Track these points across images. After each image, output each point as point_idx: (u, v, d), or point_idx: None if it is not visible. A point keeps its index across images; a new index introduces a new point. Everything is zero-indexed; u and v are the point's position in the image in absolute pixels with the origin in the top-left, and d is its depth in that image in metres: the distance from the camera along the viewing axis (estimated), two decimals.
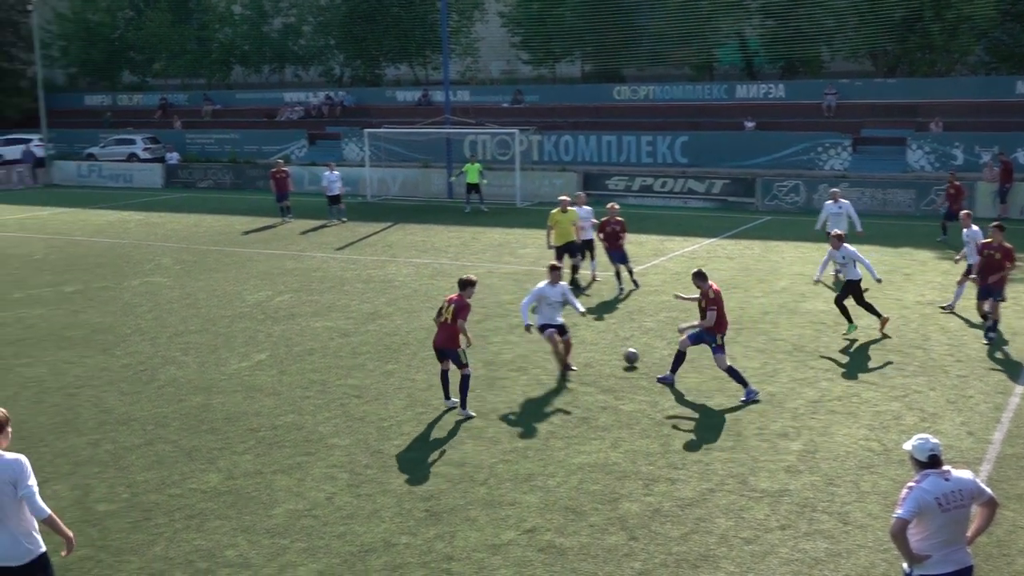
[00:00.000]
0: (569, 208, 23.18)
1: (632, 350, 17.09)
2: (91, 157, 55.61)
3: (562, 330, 16.35)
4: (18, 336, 19.68)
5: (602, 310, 20.75)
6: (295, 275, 25.41)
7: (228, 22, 65.16)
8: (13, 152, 56.62)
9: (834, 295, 19.48)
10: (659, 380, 15.73)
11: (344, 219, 34.83)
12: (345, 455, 12.94)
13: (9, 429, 7.91)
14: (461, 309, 14.34)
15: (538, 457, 12.77)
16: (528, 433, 13.65)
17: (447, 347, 14.36)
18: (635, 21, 52.85)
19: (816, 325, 19.15)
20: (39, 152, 54.70)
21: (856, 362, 16.75)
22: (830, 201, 24.40)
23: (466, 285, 14.63)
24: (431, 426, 14.00)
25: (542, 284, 16.20)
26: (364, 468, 12.49)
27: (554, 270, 16.27)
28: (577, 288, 22.91)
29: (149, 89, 68.19)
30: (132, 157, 54.47)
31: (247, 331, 19.63)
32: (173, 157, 52.48)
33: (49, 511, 7.81)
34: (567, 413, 14.41)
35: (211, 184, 48.63)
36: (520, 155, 41.27)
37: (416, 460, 12.74)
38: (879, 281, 18.87)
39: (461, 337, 14.36)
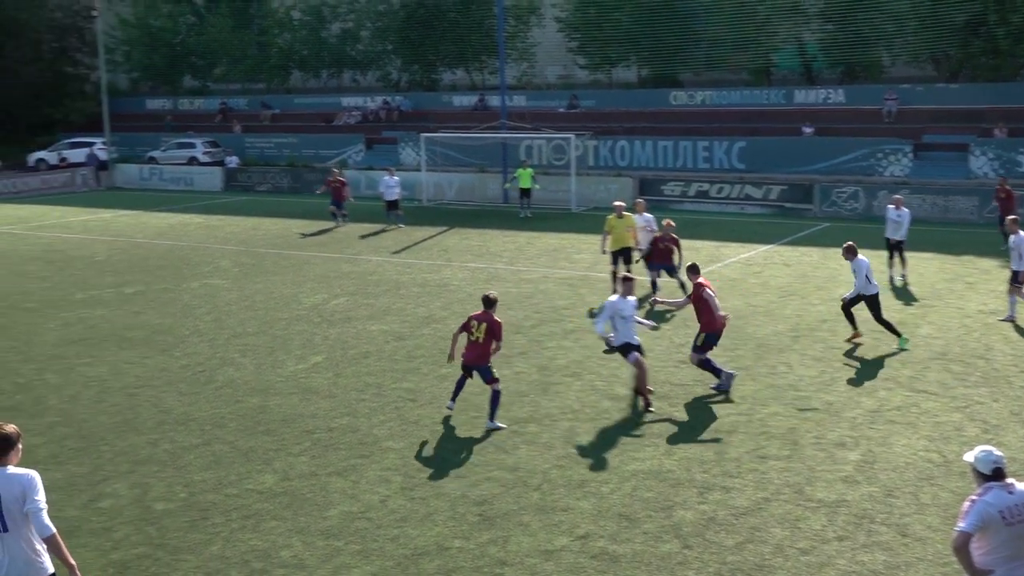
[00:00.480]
0: (625, 213, 23.05)
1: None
2: (152, 160, 56.43)
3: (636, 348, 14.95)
4: (80, 336, 20.02)
5: (656, 317, 20.63)
6: (351, 278, 25.58)
7: (287, 27, 65.80)
8: (77, 155, 57.61)
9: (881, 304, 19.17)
10: (714, 388, 15.61)
11: (401, 224, 35.00)
12: (399, 458, 12.99)
13: (20, 445, 7.71)
14: (496, 329, 14.25)
15: (592, 463, 12.73)
16: (582, 439, 13.61)
17: (479, 364, 14.26)
18: (692, 26, 52.55)
19: (875, 334, 18.88)
20: (102, 155, 55.79)
21: (916, 372, 16.49)
22: (892, 207, 24.15)
23: (493, 303, 14.48)
24: (485, 430, 14.01)
25: (613, 298, 14.98)
26: (418, 471, 12.53)
27: (626, 281, 15.04)
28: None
29: (210, 93, 69.00)
30: (192, 160, 55.22)
31: (304, 334, 19.79)
32: (233, 161, 53.11)
33: (54, 530, 7.47)
34: (621, 419, 14.34)
35: (269, 188, 49.14)
36: (575, 160, 41.23)
37: (470, 464, 12.75)
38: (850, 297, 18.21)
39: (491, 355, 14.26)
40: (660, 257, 22.33)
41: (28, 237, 34.63)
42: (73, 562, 7.58)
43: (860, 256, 17.99)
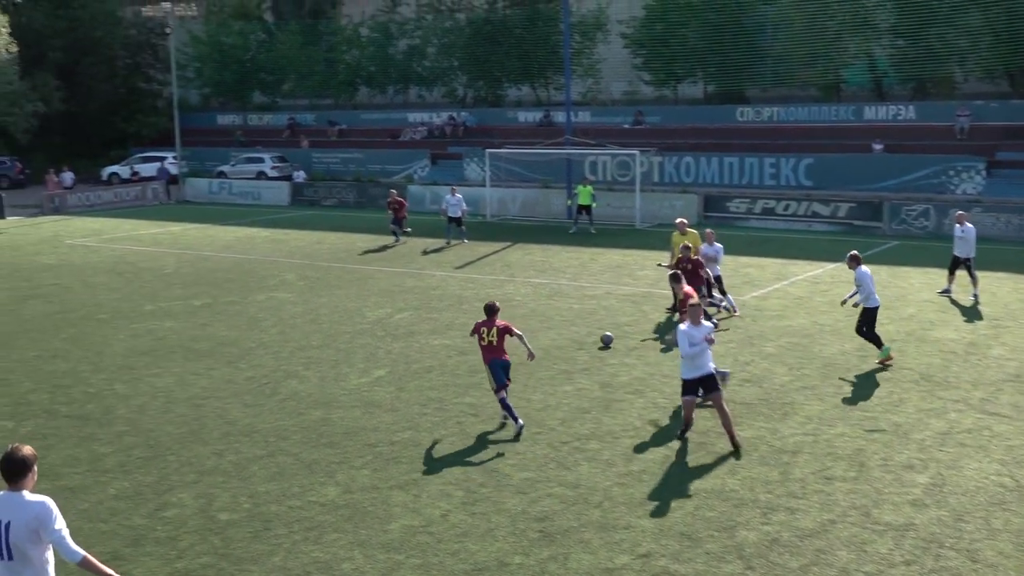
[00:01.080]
0: (688, 230, 22.95)
1: (608, 333, 19.07)
2: (222, 175, 57.28)
3: (712, 383, 13.79)
4: (149, 347, 20.38)
5: (721, 336, 20.45)
6: (415, 293, 25.72)
7: (355, 44, 66.48)
8: (149, 169, 58.99)
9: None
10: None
11: (465, 239, 35.10)
12: (461, 473, 13.01)
13: (35, 468, 7.29)
14: (505, 329, 14.95)
15: (654, 481, 12.64)
16: (644, 457, 13.52)
17: (502, 357, 14.97)
18: (759, 41, 52.21)
19: (945, 354, 18.54)
20: (173, 169, 56.91)
21: (988, 394, 16.14)
22: (956, 224, 23.84)
23: (495, 311, 15.10)
24: (546, 446, 13.99)
25: (683, 327, 13.79)
26: (479, 487, 12.54)
27: (692, 308, 13.85)
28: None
29: (278, 109, 69.95)
30: (260, 175, 56.00)
31: (367, 347, 19.94)
32: (300, 175, 53.79)
33: (83, 553, 7.18)
34: (684, 438, 14.23)
35: (335, 202, 49.64)
36: (640, 176, 41.09)
37: (531, 480, 12.73)
38: (855, 305, 18.12)
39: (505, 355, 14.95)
40: (688, 276, 21.82)
41: (101, 249, 35.37)
42: (111, 572, 7.28)
43: (863, 266, 17.92)
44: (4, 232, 41.34)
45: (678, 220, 23.74)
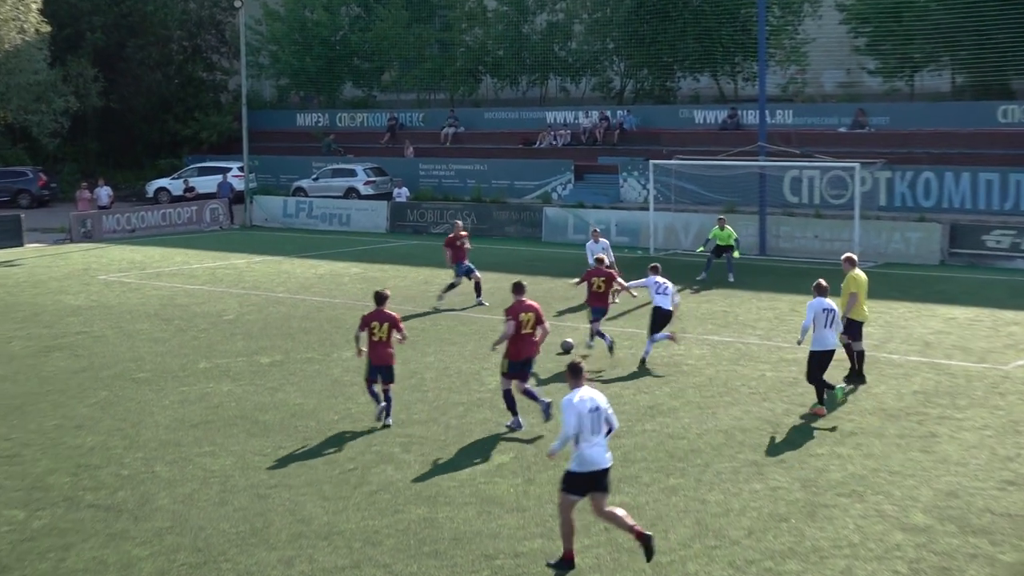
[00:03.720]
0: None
1: (568, 340, 21.11)
2: (300, 192, 58.59)
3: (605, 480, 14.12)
4: (202, 417, 20.81)
5: (974, 419, 19.88)
6: (551, 351, 25.71)
7: (479, 21, 67.12)
8: (207, 184, 60.26)
9: None
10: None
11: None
12: None
13: None
14: (397, 324, 19.77)
15: None
16: None
17: (385, 364, 19.71)
18: None
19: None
20: (238, 184, 58.29)
21: None
22: None
23: (384, 299, 19.97)
24: (727, 565, 13.75)
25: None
26: None
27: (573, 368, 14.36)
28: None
29: (376, 106, 71.01)
30: (351, 192, 57.11)
31: (486, 424, 19.97)
32: (402, 193, 54.54)
33: None
34: (916, 558, 13.82)
35: (448, 229, 50.14)
36: (861, 198, 40.45)
37: None
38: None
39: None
40: (594, 297, 25.47)
41: (143, 288, 36.46)
42: None
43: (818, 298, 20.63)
44: (22, 263, 42.98)
45: (846, 256, 23.76)
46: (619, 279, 25.91)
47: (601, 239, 34.96)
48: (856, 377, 22.56)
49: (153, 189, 63.01)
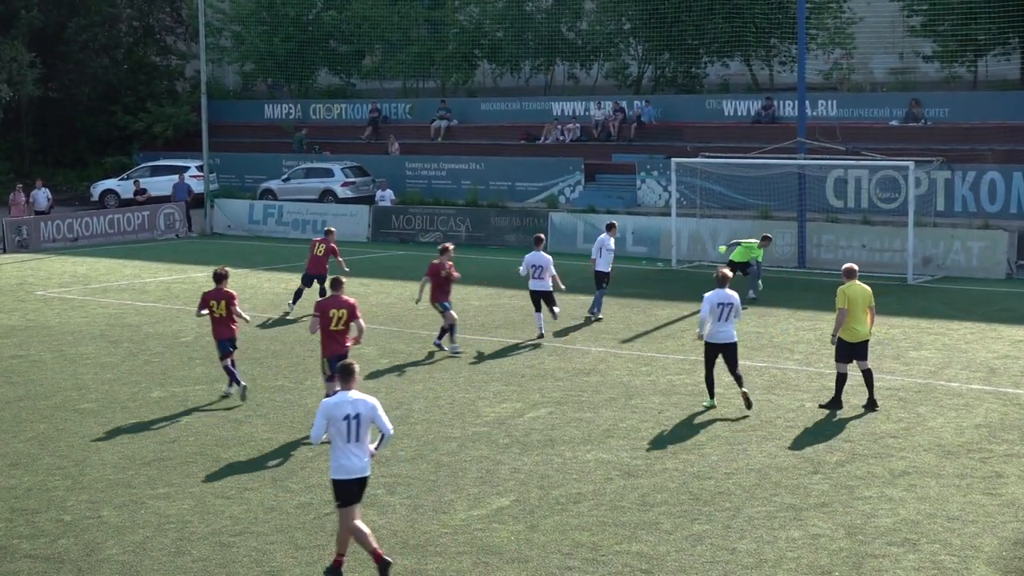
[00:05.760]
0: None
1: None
2: (269, 194, 58.60)
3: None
4: (156, 454, 20.86)
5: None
6: (557, 378, 25.78)
7: None
8: (161, 186, 60.03)
9: None
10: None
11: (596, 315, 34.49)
12: None
13: None
14: (233, 298, 24.33)
15: None
16: None
17: (228, 337, 24.21)
18: None
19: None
20: (197, 186, 58.28)
21: None
22: None
23: (223, 278, 24.60)
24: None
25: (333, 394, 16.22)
26: None
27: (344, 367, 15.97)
28: None
29: (356, 96, 71.08)
30: (327, 195, 57.14)
31: (482, 462, 20.04)
32: (386, 196, 54.70)
33: None
34: None
35: (439, 237, 50.15)
36: (915, 201, 40.52)
37: None
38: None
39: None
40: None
41: (87, 305, 36.55)
42: None
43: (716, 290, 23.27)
44: None
45: (846, 266, 23.88)
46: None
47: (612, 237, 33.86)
48: (868, 404, 22.94)
49: (99, 191, 62.93)
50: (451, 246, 29.97)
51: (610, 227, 34.08)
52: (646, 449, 20.57)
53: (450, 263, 29.46)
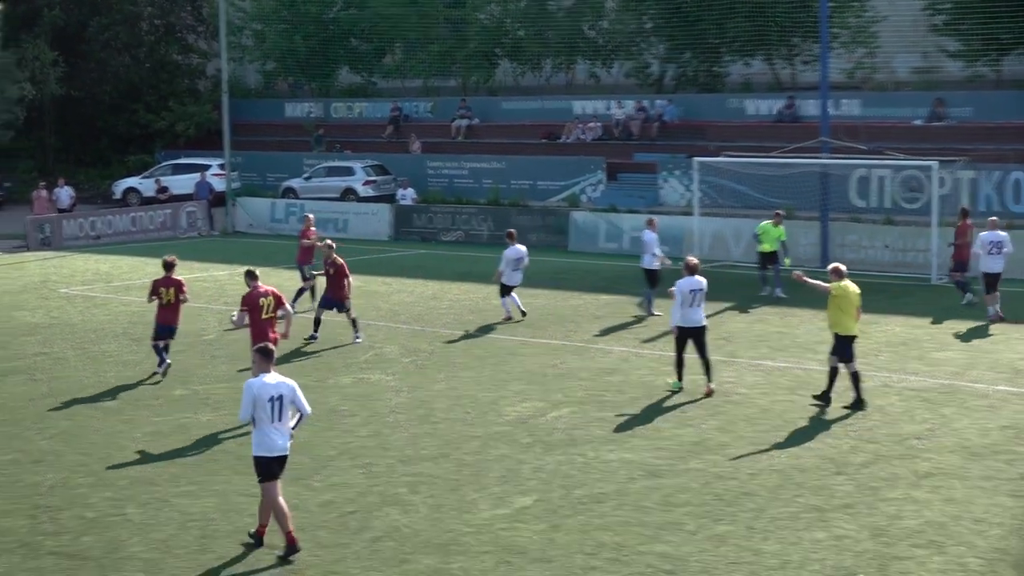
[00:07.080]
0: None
1: None
2: (290, 193, 58.63)
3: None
4: (178, 452, 20.89)
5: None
6: (580, 378, 25.74)
7: None
8: (183, 184, 60.27)
9: None
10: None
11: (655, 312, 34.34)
12: None
13: None
14: (181, 287, 26.09)
15: None
16: None
17: (170, 325, 26.16)
18: None
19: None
20: (218, 185, 58.40)
21: None
22: None
23: (172, 267, 26.43)
24: None
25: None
26: None
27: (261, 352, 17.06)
28: None
29: (377, 95, 71.04)
30: (348, 194, 57.14)
31: (505, 461, 20.02)
32: (407, 195, 54.72)
33: None
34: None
35: (460, 236, 50.21)
36: (939, 201, 40.38)
37: None
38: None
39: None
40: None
41: (110, 303, 36.69)
42: None
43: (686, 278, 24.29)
44: None
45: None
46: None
47: (658, 250, 33.59)
48: (857, 404, 22.89)
49: (121, 190, 63.00)
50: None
51: (650, 222, 34.11)
52: (669, 449, 20.54)
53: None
